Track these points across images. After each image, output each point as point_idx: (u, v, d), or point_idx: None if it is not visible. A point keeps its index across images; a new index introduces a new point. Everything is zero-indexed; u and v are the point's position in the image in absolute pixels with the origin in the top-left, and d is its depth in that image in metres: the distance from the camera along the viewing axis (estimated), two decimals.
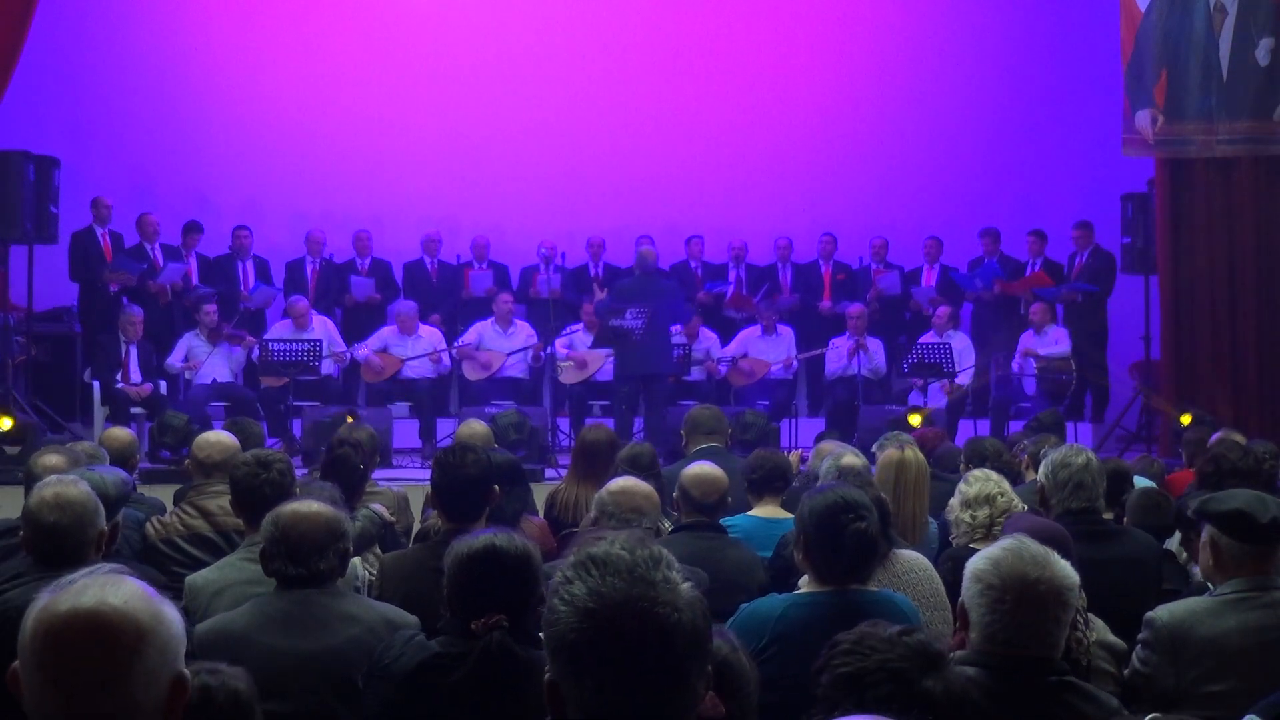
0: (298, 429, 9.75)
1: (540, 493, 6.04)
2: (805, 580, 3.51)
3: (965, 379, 10.51)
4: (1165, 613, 3.43)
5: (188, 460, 5.21)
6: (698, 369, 10.80)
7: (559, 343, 10.59)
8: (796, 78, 12.39)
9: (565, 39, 12.24)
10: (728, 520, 4.60)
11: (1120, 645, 3.54)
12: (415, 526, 5.22)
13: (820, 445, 6.20)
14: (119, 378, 9.81)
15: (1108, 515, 4.54)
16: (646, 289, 9.63)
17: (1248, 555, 3.41)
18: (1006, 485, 4.44)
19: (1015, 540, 2.69)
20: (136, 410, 9.71)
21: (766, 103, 12.38)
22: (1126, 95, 10.24)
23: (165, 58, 11.81)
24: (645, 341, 9.36)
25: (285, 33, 12.06)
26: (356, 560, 3.98)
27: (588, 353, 10.55)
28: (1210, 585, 3.55)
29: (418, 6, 12.33)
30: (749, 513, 4.90)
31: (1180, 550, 4.54)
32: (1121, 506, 4.87)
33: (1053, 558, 2.64)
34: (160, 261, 10.66)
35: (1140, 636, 3.47)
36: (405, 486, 5.97)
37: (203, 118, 11.81)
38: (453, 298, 11.40)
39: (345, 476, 4.74)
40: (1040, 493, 4.34)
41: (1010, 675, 2.57)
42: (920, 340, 10.79)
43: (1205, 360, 10.17)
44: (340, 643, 3.11)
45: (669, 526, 4.47)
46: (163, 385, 10.21)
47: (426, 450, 9.87)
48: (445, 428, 10.01)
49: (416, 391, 10.46)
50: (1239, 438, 6.19)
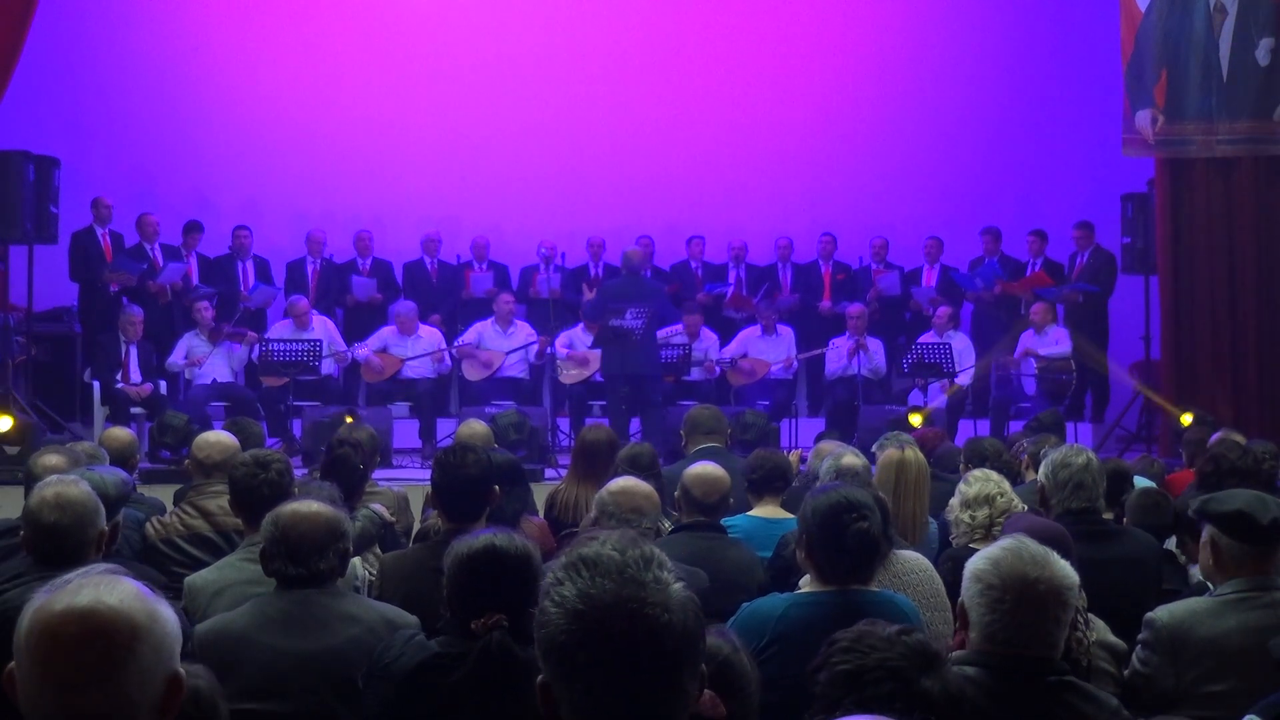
0: (298, 429, 9.76)
1: (540, 493, 6.04)
2: (806, 580, 3.51)
3: (965, 379, 10.50)
4: (1165, 613, 3.44)
5: (188, 460, 5.22)
6: (698, 369, 10.79)
7: (559, 343, 10.59)
8: (796, 78, 12.39)
9: (565, 39, 12.24)
10: (728, 520, 4.60)
11: (1120, 645, 3.53)
12: (415, 526, 5.21)
13: (820, 445, 6.20)
14: (119, 378, 9.81)
15: (1108, 515, 4.54)
16: (635, 290, 9.64)
17: (1248, 555, 3.42)
18: (1006, 485, 4.44)
19: (1015, 540, 2.69)
20: (136, 410, 9.71)
21: (766, 103, 12.38)
22: (1126, 95, 10.24)
23: (165, 58, 11.81)
24: (637, 342, 9.38)
25: (285, 33, 12.05)
26: (356, 560, 3.98)
27: (588, 352, 10.55)
28: (1210, 585, 3.55)
29: (418, 6, 12.32)
30: (749, 513, 4.90)
31: (1179, 551, 4.55)
32: (1121, 506, 4.87)
33: (1052, 558, 2.64)
34: (160, 261, 10.66)
35: (1140, 637, 3.47)
36: (405, 486, 5.98)
37: (203, 118, 11.81)
38: (453, 298, 11.40)
39: (345, 476, 4.74)
40: (1040, 493, 4.34)
41: (1010, 675, 2.57)
42: (920, 340, 10.78)
43: (1205, 360, 10.16)
44: (340, 643, 3.10)
45: (669, 526, 4.47)
46: (163, 385, 10.21)
47: (426, 450, 9.87)
48: (445, 428, 10.01)
49: (416, 391, 10.46)
50: (1239, 438, 6.19)
